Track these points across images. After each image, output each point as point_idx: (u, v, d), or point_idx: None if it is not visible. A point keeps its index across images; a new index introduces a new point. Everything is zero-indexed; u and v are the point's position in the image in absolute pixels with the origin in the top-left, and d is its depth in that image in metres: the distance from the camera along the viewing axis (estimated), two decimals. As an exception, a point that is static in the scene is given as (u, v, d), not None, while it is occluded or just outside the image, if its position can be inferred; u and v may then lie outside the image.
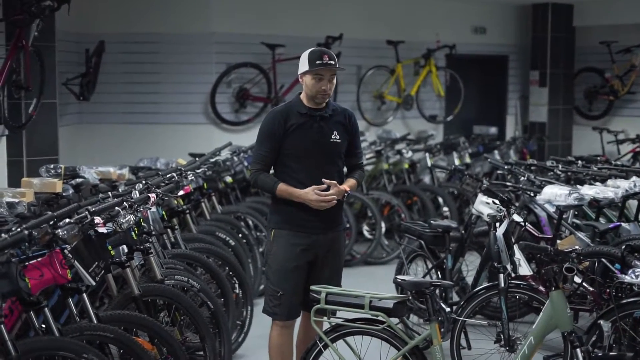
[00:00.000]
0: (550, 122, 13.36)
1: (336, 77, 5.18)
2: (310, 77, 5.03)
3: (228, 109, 10.78)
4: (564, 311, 4.45)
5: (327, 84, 5.03)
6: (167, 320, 5.26)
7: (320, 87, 5.02)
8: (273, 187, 5.06)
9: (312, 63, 4.99)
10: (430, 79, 12.47)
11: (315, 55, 5.01)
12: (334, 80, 5.09)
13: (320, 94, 5.04)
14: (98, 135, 10.45)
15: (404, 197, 10.35)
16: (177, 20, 10.55)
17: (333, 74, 5.05)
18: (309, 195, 4.98)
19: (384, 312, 4.43)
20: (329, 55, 5.02)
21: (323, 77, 5.01)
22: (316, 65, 4.97)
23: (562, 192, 6.29)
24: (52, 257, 4.29)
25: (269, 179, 5.11)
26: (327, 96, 5.10)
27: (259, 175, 5.11)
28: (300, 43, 10.59)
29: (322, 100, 5.10)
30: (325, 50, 5.09)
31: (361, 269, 9.46)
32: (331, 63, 4.99)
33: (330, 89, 5.08)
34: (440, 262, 6.39)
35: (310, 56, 5.02)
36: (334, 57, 5.05)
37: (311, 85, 5.03)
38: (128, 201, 5.02)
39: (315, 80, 5.01)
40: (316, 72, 4.98)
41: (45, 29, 7.88)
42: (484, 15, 13.27)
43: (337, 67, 5.03)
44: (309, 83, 5.04)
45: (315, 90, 5.03)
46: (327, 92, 5.05)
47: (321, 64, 4.97)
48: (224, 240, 7.03)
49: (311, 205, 4.99)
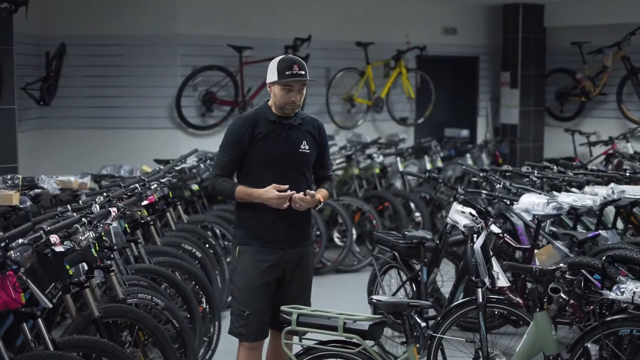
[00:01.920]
0: (521, 124, 13.22)
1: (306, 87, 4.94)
2: (279, 88, 4.80)
3: (194, 112, 10.53)
4: (549, 333, 4.23)
5: (296, 95, 4.81)
6: (130, 340, 5.02)
7: (289, 98, 4.80)
8: (232, 190, 4.84)
9: (281, 74, 4.76)
10: (400, 81, 12.29)
11: (285, 64, 4.77)
12: (303, 91, 4.87)
13: (289, 105, 4.82)
14: (60, 141, 10.16)
15: (375, 203, 10.17)
16: (141, 22, 10.28)
17: (303, 84, 4.83)
18: (269, 192, 4.73)
19: (359, 334, 4.21)
20: (299, 64, 4.79)
21: (292, 88, 4.79)
22: (285, 76, 4.75)
23: (540, 201, 6.12)
24: (3, 280, 4.01)
25: (227, 182, 4.89)
26: (297, 107, 4.88)
27: (217, 180, 4.90)
28: (268, 45, 10.44)
29: (292, 111, 4.87)
30: (295, 59, 4.84)
31: (332, 277, 9.27)
32: (301, 73, 4.77)
33: (300, 100, 4.86)
34: (415, 274, 6.19)
35: (279, 66, 4.78)
36: (304, 67, 4.81)
37: (280, 96, 4.81)
38: (87, 217, 4.76)
39: (284, 91, 4.79)
40: (285, 83, 4.76)
41: (2, 31, 7.60)
42: (454, 15, 13.11)
43: (307, 79, 4.81)
44: (278, 94, 4.82)
45: (284, 102, 4.81)
46: (297, 103, 4.83)
47: (291, 75, 4.75)
48: (190, 252, 6.80)
49: (270, 204, 4.74)
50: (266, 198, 4.74)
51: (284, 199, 4.73)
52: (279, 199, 4.72)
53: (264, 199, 4.75)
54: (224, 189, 4.88)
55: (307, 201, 4.77)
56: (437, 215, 10.30)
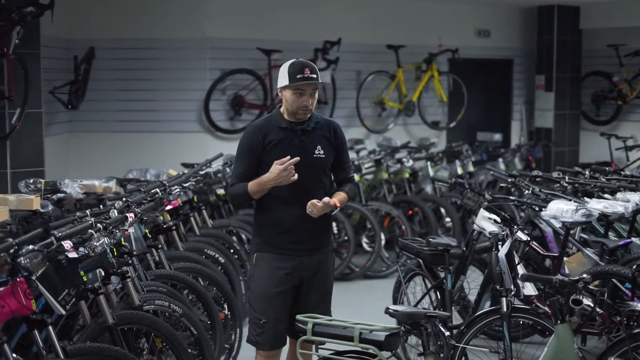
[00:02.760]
0: (556, 127, 13.03)
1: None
2: (290, 92, 4.69)
3: (223, 116, 10.46)
4: (571, 347, 4.05)
5: (308, 100, 4.69)
6: (147, 347, 4.95)
7: (301, 102, 4.69)
8: (245, 189, 4.72)
9: (292, 77, 4.64)
10: (432, 84, 12.14)
11: (296, 68, 4.66)
12: (316, 95, 4.76)
13: (301, 109, 4.71)
14: (88, 145, 10.16)
15: (405, 208, 10.02)
16: (169, 25, 10.25)
17: (315, 88, 4.71)
18: (273, 170, 4.61)
19: (375, 345, 4.08)
20: (311, 68, 4.68)
21: (304, 92, 4.67)
22: (297, 79, 4.64)
23: (569, 208, 5.93)
24: (14, 286, 3.96)
25: (239, 185, 4.77)
26: (309, 112, 4.76)
27: (232, 188, 4.83)
28: (297, 48, 10.34)
29: (304, 115, 4.76)
30: (307, 62, 4.74)
31: (360, 283, 9.16)
32: (313, 77, 4.66)
33: (312, 104, 4.74)
34: (440, 282, 6.05)
35: (290, 69, 4.67)
36: (315, 70, 4.70)
37: (292, 101, 4.70)
38: (102, 222, 4.69)
39: (295, 96, 4.68)
40: (297, 87, 4.65)
41: (29, 35, 7.59)
42: (488, 17, 12.93)
43: (319, 82, 4.69)
44: (289, 98, 4.70)
45: (296, 106, 4.70)
46: (309, 107, 4.72)
47: (302, 79, 4.63)
48: (212, 257, 6.70)
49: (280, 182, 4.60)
50: (274, 176, 4.60)
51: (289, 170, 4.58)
52: (284, 171, 4.58)
53: (273, 179, 4.61)
54: (238, 191, 4.77)
55: (319, 208, 4.65)
56: (468, 221, 10.12)
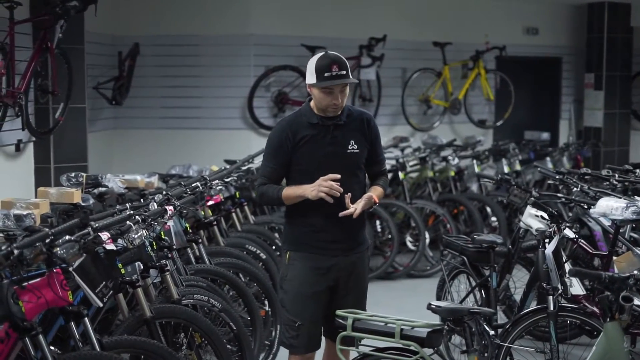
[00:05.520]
0: (606, 127, 12.76)
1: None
2: (318, 90, 4.43)
3: (266, 113, 10.41)
4: (621, 346, 3.89)
5: (338, 97, 4.43)
6: (185, 342, 4.89)
7: (330, 101, 4.43)
8: (278, 195, 4.51)
9: (320, 75, 4.37)
10: (479, 82, 11.95)
11: (323, 65, 4.38)
12: (346, 90, 4.48)
13: (331, 107, 4.47)
14: (132, 141, 10.18)
15: (450, 207, 9.88)
16: (214, 22, 10.23)
17: (345, 84, 4.44)
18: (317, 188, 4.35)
19: (417, 341, 3.94)
20: (339, 63, 4.40)
21: (333, 90, 4.41)
22: (324, 78, 4.36)
23: (619, 205, 5.74)
24: (51, 277, 3.92)
25: (272, 188, 4.55)
26: (340, 109, 4.50)
27: (263, 188, 4.59)
28: (341, 45, 10.24)
29: (334, 113, 4.51)
30: (336, 57, 4.44)
31: (404, 282, 9.05)
32: (342, 74, 4.37)
33: (343, 101, 4.48)
34: (485, 280, 5.91)
35: (317, 66, 4.40)
36: (345, 65, 4.42)
37: (320, 99, 4.45)
38: (140, 215, 4.64)
39: (324, 94, 4.41)
40: (325, 86, 4.40)
41: (73, 30, 7.59)
42: (536, 15, 12.70)
43: (349, 80, 4.42)
44: (318, 96, 4.45)
45: (325, 104, 4.45)
46: (339, 105, 4.46)
47: (330, 77, 4.36)
48: (254, 253, 6.64)
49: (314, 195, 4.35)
50: (315, 193, 4.37)
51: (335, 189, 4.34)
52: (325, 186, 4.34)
53: (313, 196, 4.39)
54: (269, 195, 4.56)
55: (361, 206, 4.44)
56: (514, 220, 9.93)
